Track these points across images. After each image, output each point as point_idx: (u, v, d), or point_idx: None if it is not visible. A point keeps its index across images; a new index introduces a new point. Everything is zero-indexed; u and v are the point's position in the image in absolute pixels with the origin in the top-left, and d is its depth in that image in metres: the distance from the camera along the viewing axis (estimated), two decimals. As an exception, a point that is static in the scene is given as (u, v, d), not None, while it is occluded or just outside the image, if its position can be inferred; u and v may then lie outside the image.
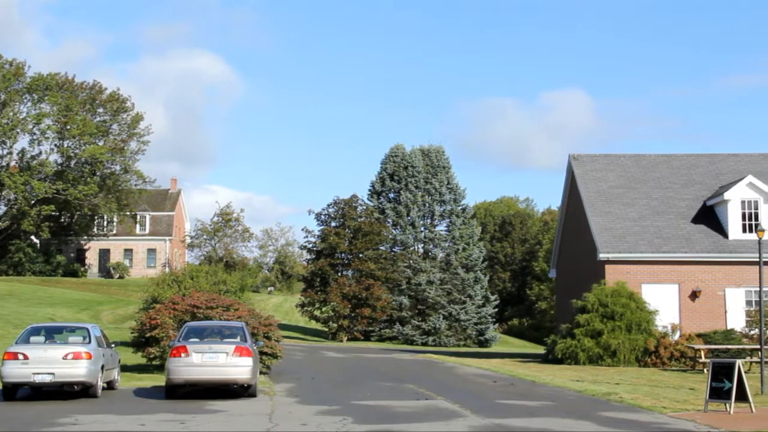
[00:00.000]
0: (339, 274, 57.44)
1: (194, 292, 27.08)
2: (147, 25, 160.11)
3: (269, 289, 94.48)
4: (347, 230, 57.39)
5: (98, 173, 72.99)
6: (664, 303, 31.71)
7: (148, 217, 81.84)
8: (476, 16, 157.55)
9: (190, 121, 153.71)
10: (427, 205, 63.96)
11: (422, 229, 64.22)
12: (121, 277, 78.18)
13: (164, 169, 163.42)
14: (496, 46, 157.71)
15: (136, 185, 75.54)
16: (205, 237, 77.62)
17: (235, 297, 29.13)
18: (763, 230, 21.84)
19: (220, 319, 23.73)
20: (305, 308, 57.58)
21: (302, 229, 60.07)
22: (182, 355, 18.37)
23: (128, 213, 76.47)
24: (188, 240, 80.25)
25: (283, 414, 15.97)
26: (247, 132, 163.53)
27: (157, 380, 21.75)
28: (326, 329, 57.58)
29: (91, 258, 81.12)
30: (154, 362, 24.60)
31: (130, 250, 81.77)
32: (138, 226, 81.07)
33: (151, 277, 44.32)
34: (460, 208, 64.90)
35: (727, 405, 16.42)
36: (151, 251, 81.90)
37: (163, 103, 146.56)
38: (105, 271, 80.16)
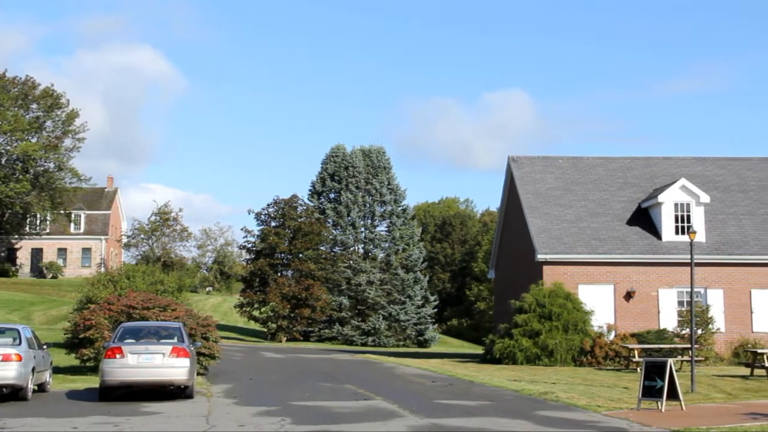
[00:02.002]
0: (278, 274, 57.13)
1: (130, 292, 26.63)
2: (82, 18, 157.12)
3: (208, 289, 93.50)
4: (287, 230, 57.12)
5: (31, 171, 71.30)
6: (599, 303, 32.24)
7: (83, 216, 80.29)
8: (420, 16, 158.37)
9: (128, 117, 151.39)
10: (368, 205, 64.03)
11: (362, 229, 64.26)
12: (54, 277, 76.55)
13: (101, 166, 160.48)
14: (441, 46, 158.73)
15: (70, 183, 73.98)
16: (142, 236, 76.43)
17: (173, 297, 28.74)
18: (694, 232, 22.37)
19: (157, 320, 23.39)
20: (244, 308, 57.12)
21: (242, 229, 59.56)
22: (117, 356, 18.06)
23: (62, 212, 74.87)
24: (125, 239, 78.90)
25: (220, 415, 15.80)
26: (187, 129, 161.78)
27: (91, 382, 21.34)
28: (265, 330, 57.23)
29: (23, 257, 79.24)
30: (88, 364, 24.14)
31: (64, 250, 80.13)
32: (72, 225, 79.45)
33: (85, 277, 43.52)
34: (400, 208, 65.12)
35: (659, 403, 16.77)
36: (86, 251, 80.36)
37: (100, 98, 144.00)
38: (37, 270, 78.37)
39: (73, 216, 78.35)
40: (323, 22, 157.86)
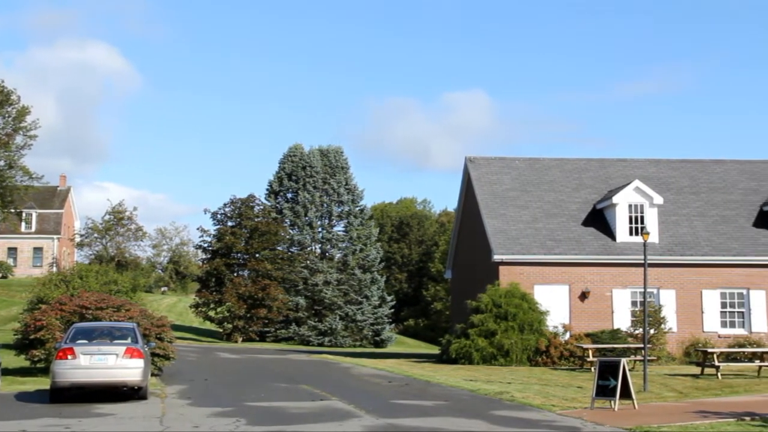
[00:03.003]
0: (235, 274, 56.77)
1: (83, 292, 26.26)
2: (35, 13, 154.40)
3: (163, 289, 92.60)
4: (244, 230, 56.77)
5: (-21, 168, 69.80)
6: (555, 303, 32.52)
7: (34, 215, 78.97)
8: (381, 17, 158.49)
9: (81, 114, 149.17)
10: (325, 205, 63.93)
11: (320, 229, 64.16)
12: (4, 277, 75.14)
13: (54, 164, 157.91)
14: (401, 46, 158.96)
15: (21, 182, 72.54)
16: (95, 236, 75.34)
17: (127, 297, 28.40)
18: (648, 233, 22.66)
19: (111, 320, 23.10)
20: (200, 309, 56.68)
21: (198, 229, 59.00)
22: (69, 357, 17.78)
23: (13, 210, 73.49)
24: (78, 239, 77.72)
25: (174, 416, 15.64)
26: (142, 127, 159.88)
27: (42, 384, 20.97)
28: (221, 330, 56.82)
29: (-28, 257, 77.73)
30: (38, 365, 23.73)
31: (15, 249, 78.74)
32: (23, 223, 78.04)
33: (37, 276, 42.82)
34: (358, 208, 65.14)
35: (612, 402, 16.96)
36: (38, 250, 79.06)
37: (53, 95, 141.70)
38: (-14, 270, 76.89)
39: (24, 215, 76.92)
40: (282, 22, 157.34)
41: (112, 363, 17.89)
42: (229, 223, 57.49)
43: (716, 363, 25.54)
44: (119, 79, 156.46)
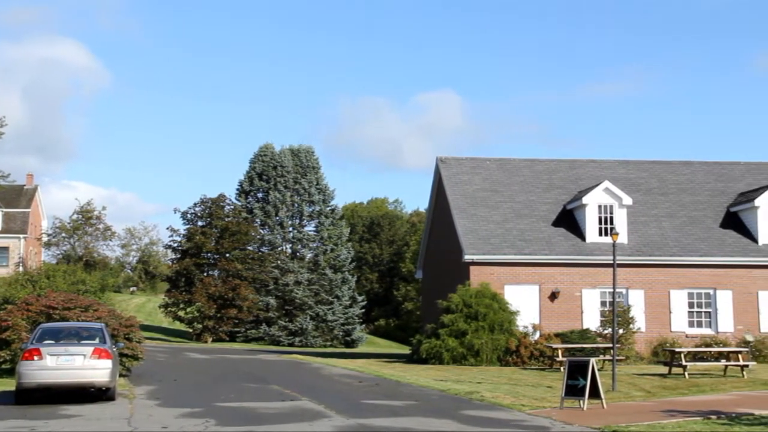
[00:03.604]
0: (205, 274, 56.48)
1: (50, 292, 25.97)
2: (2, 8, 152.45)
3: (132, 289, 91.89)
4: (214, 230, 56.49)
5: (-54, 166, 68.88)
6: (525, 303, 32.66)
7: (0, 214, 77.95)
8: (353, 16, 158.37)
9: (49, 112, 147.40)
10: (296, 205, 63.80)
11: (290, 229, 64.03)
12: (-30, 277, 74.16)
13: (21, 163, 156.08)
14: (374, 46, 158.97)
15: (-13, 180, 71.71)
16: (63, 235, 74.55)
17: (95, 297, 28.19)
18: (617, 234, 22.84)
19: (78, 321, 22.87)
20: (169, 309, 56.33)
21: (167, 228, 58.70)
22: (35, 357, 17.57)
23: (-21, 209, 72.59)
24: (45, 238, 76.87)
25: (142, 417, 15.50)
26: (111, 126, 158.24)
27: (7, 385, 20.68)
28: (191, 330, 56.52)
29: (-64, 256, 76.54)
30: (3, 366, 23.41)
31: (-19, 248, 77.63)
32: (-11, 223, 77.02)
33: (2, 276, 42.26)
34: (329, 208, 65.11)
35: (581, 402, 17.07)
36: (3, 249, 77.98)
37: (20, 92, 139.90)
38: (-50, 270, 75.83)
39: (-10, 214, 75.98)
40: (253, 22, 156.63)
41: (80, 364, 17.71)
42: (199, 223, 57.21)
43: (683, 362, 25.80)
44: (88, 76, 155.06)
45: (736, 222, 35.50)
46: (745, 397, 19.87)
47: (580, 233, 34.24)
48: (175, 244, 57.96)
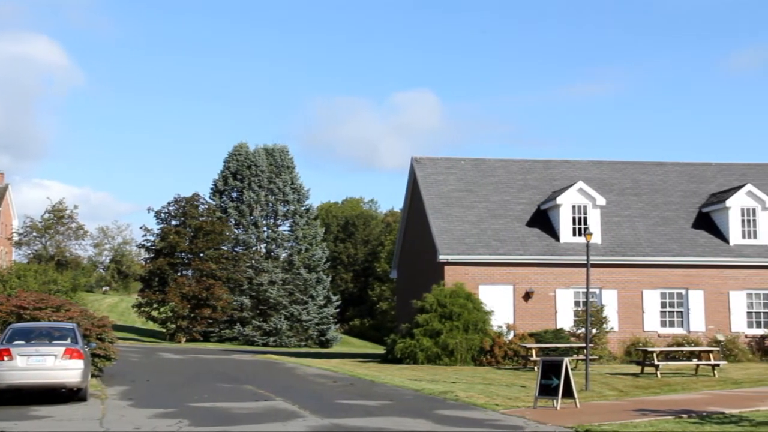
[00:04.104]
0: (179, 273, 56.20)
1: (21, 292, 25.72)
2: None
3: (104, 288, 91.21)
4: (188, 229, 56.23)
5: None
6: (499, 303, 32.78)
7: (-29, 213, 77.13)
8: (330, 14, 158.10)
9: (20, 110, 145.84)
10: (271, 204, 63.65)
11: (265, 229, 63.86)
12: (-61, 276, 73.20)
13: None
14: (350, 45, 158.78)
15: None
16: (34, 234, 73.82)
17: (67, 297, 27.96)
18: (590, 234, 22.97)
19: (50, 320, 22.64)
20: (142, 309, 56.00)
21: (141, 228, 58.30)
22: (5, 358, 17.36)
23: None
24: (16, 237, 76.07)
25: (115, 418, 15.37)
26: (85, 124, 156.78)
27: (-22, 385, 20.41)
28: (164, 330, 56.23)
29: None
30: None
31: (-49, 247, 76.76)
32: (-40, 221, 76.19)
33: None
34: (303, 208, 65.01)
35: (555, 401, 17.15)
36: (-26, 249, 77.19)
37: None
38: None
39: (-40, 213, 75.15)
40: (228, 20, 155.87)
41: (51, 364, 17.53)
42: (173, 223, 56.94)
43: (656, 362, 26.01)
44: (61, 74, 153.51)
45: (708, 222, 35.84)
46: (715, 396, 20.06)
47: (554, 233, 34.41)
48: (149, 244, 57.66)
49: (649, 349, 26.83)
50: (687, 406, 17.58)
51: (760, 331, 33.66)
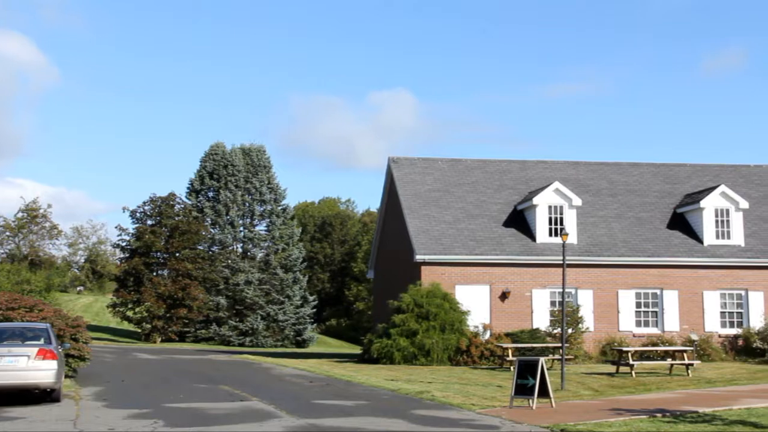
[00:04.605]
0: (154, 273, 55.85)
1: (-6, 291, 25.42)
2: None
3: (79, 288, 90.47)
4: (164, 229, 55.88)
5: None
6: (476, 303, 32.85)
7: (-57, 212, 76.20)
8: (307, 13, 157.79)
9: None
10: (247, 204, 63.44)
11: (241, 228, 63.66)
12: None
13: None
14: (327, 44, 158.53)
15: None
16: (7, 234, 73.07)
17: (40, 297, 27.71)
18: (566, 234, 23.08)
19: (23, 321, 22.41)
20: (117, 309, 55.59)
21: (116, 227, 57.88)
22: (-22, 359, 17.17)
23: None
24: (-12, 236, 75.29)
25: (89, 419, 15.25)
26: (59, 123, 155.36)
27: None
28: (139, 330, 55.87)
29: None
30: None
31: None
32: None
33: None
34: (280, 208, 64.90)
35: (531, 401, 17.21)
36: (-54, 248, 76.23)
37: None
38: None
39: (-68, 211, 74.22)
40: (204, 19, 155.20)
41: (24, 365, 17.35)
42: (149, 222, 56.55)
43: (631, 361, 26.18)
44: (34, 72, 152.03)
45: (682, 223, 36.14)
46: (689, 395, 20.23)
47: (530, 234, 34.54)
48: (124, 243, 57.23)
49: (624, 349, 27.00)
50: (661, 405, 17.72)
51: (733, 331, 33.99)
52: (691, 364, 26.54)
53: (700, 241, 35.06)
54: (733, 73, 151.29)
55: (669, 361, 27.75)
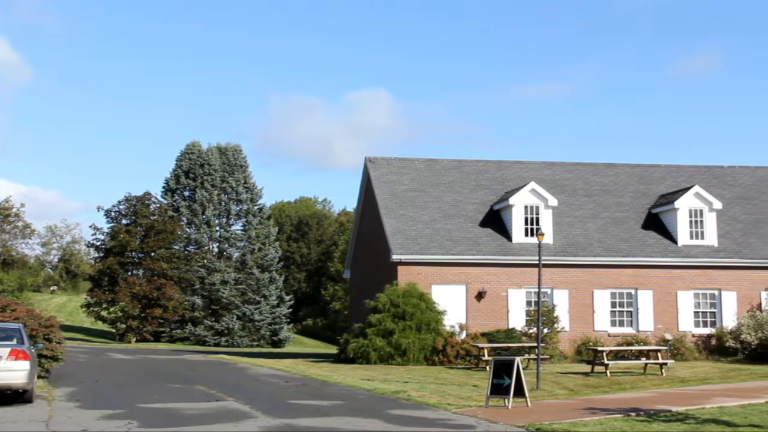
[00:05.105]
0: (129, 273, 55.47)
1: (-35, 291, 25.13)
2: None
3: (52, 288, 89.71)
4: (139, 228, 55.53)
5: None
6: (452, 303, 32.90)
7: None
8: (284, 13, 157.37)
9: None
10: (223, 204, 63.20)
11: (217, 228, 63.39)
12: None
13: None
14: (304, 43, 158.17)
15: None
16: (-21, 233, 72.31)
17: (13, 297, 27.42)
18: (542, 234, 23.15)
19: (-5, 321, 22.16)
20: (91, 308, 55.15)
21: (90, 226, 57.35)
22: (-52, 359, 16.96)
23: None
24: (-39, 236, 74.43)
25: (61, 419, 15.10)
26: (33, 121, 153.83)
27: None
28: (114, 330, 55.47)
29: None
30: None
31: None
32: None
33: None
34: (256, 207, 64.71)
35: (506, 400, 17.26)
36: None
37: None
38: None
39: None
40: (180, 17, 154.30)
41: (-4, 365, 17.16)
42: (124, 221, 56.19)
43: (605, 361, 26.33)
44: (6, 69, 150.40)
45: (657, 223, 36.41)
46: (663, 395, 20.37)
47: (506, 234, 34.65)
48: (99, 243, 56.83)
49: (599, 349, 27.15)
50: (635, 405, 17.83)
51: (707, 331, 34.29)
52: (665, 364, 26.74)
53: (675, 241, 35.34)
54: (708, 74, 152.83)
55: (643, 360, 27.94)
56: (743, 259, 34.92)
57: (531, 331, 31.82)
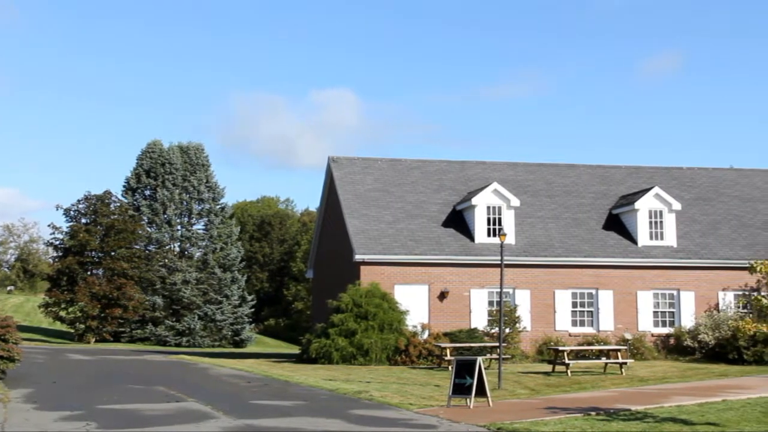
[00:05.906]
0: (89, 272, 54.80)
1: None
2: None
3: (9, 288, 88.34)
4: (99, 227, 54.90)
5: None
6: (415, 303, 32.95)
7: None
8: (246, 10, 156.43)
9: None
10: (185, 203, 62.70)
11: (179, 227, 62.88)
12: None
13: None
14: (267, 41, 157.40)
15: None
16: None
17: (-31, 296, 26.85)
18: (504, 234, 23.29)
19: (-51, 321, 21.75)
20: (50, 308, 54.41)
21: (49, 225, 56.64)
22: None
23: None
24: None
25: (18, 421, 14.85)
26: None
27: None
28: (73, 331, 54.78)
29: None
30: None
31: None
32: None
33: None
34: (218, 206, 64.32)
35: (468, 400, 17.32)
36: None
37: None
38: None
39: None
40: (143, 15, 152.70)
41: (-50, 366, 16.85)
42: (83, 221, 55.54)
43: (566, 361, 26.53)
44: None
45: (617, 224, 36.78)
46: (623, 394, 20.58)
47: (469, 234, 34.78)
48: (57, 242, 56.07)
49: (560, 348, 27.36)
50: (595, 404, 17.99)
51: (666, 330, 34.73)
52: (625, 363, 27.02)
53: (635, 241, 35.73)
54: (668, 76, 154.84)
55: (603, 360, 28.21)
56: (702, 260, 35.42)
57: (493, 330, 31.97)
